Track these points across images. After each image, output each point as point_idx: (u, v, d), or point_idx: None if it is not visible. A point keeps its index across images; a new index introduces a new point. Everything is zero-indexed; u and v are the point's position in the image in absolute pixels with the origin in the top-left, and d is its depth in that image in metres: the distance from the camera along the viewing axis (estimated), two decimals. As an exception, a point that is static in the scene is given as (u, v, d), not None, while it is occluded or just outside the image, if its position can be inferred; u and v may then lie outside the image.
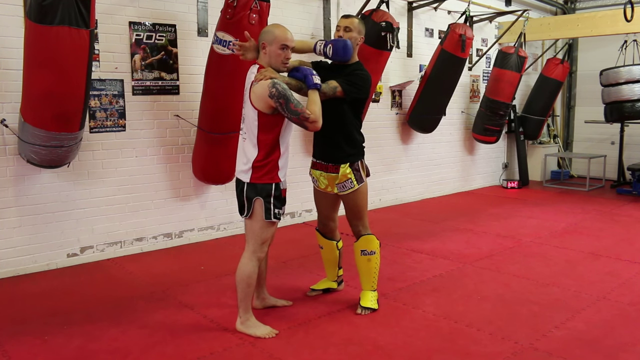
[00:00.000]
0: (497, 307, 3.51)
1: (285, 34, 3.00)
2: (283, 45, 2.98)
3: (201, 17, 4.97)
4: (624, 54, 7.76)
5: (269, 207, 3.00)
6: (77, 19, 3.38)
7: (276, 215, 3.03)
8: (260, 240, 3.06)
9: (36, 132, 3.61)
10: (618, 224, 5.91)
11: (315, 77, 3.04)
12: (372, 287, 3.49)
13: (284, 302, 3.54)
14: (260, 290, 3.46)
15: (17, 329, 3.17)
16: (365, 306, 3.42)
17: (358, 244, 3.46)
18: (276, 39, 2.98)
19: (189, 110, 4.90)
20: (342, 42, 3.19)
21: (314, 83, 3.02)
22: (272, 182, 3.00)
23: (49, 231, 4.28)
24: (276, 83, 2.89)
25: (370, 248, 3.43)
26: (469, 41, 6.40)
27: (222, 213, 5.30)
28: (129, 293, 3.77)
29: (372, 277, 3.47)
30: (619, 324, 3.25)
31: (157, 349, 2.93)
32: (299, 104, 2.91)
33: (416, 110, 6.84)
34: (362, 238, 3.43)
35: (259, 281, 3.38)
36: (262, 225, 3.03)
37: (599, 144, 9.30)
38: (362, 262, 3.46)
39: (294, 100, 2.90)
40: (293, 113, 2.89)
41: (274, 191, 3.00)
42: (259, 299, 3.46)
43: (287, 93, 2.88)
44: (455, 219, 6.12)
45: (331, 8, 6.04)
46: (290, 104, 2.88)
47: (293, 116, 2.91)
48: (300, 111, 2.88)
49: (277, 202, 3.02)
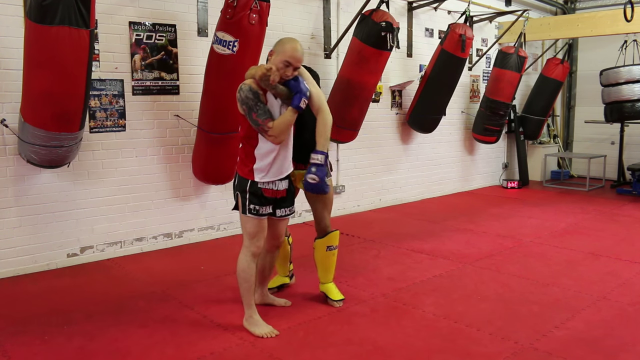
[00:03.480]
0: (497, 307, 3.51)
1: (293, 53, 2.92)
2: (287, 62, 2.92)
3: (201, 17, 4.97)
4: (624, 54, 7.77)
5: (244, 201, 3.05)
6: (77, 19, 3.38)
7: (251, 211, 3.04)
8: (247, 235, 3.10)
9: (36, 132, 3.61)
10: (618, 224, 5.91)
11: (303, 100, 2.96)
12: (332, 278, 3.63)
13: (283, 302, 3.54)
14: (261, 287, 3.48)
15: (17, 329, 3.17)
16: (338, 299, 3.54)
17: (324, 241, 3.54)
18: (283, 53, 2.93)
19: (189, 110, 4.90)
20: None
21: (298, 105, 2.95)
22: (247, 178, 3.04)
23: (49, 231, 4.28)
24: (242, 89, 2.91)
25: (335, 243, 3.57)
26: (469, 41, 6.40)
27: (222, 213, 5.29)
28: (129, 293, 3.77)
29: (333, 269, 3.62)
30: (619, 324, 3.25)
31: (157, 349, 2.93)
32: (264, 115, 2.91)
33: (416, 110, 6.84)
34: (330, 235, 3.54)
35: (261, 277, 3.43)
36: (244, 220, 3.09)
37: (599, 144, 9.30)
38: (327, 257, 3.57)
39: (257, 109, 2.90)
40: (253, 122, 2.93)
41: (249, 187, 3.04)
42: (258, 294, 3.47)
43: (249, 102, 2.89)
44: (455, 219, 6.12)
45: (331, 8, 6.04)
46: (252, 113, 2.91)
47: (253, 125, 2.93)
48: (260, 122, 2.91)
49: (252, 198, 3.04)
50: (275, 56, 2.94)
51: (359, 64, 5.50)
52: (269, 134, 2.94)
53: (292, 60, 2.92)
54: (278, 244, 3.36)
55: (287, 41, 2.97)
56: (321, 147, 3.00)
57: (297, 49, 2.94)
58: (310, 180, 2.96)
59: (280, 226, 3.29)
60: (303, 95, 2.95)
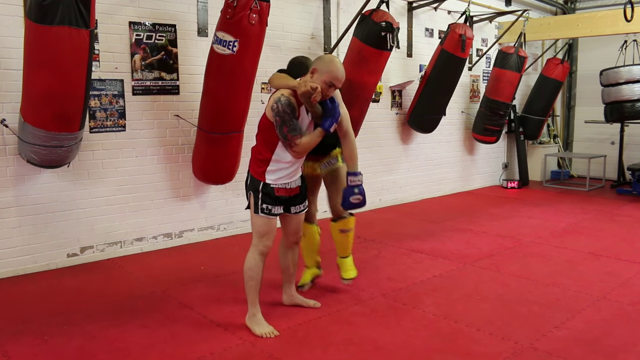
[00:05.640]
0: (497, 307, 3.51)
1: (337, 74, 2.94)
2: (330, 83, 2.93)
3: (201, 17, 4.97)
4: (624, 54, 7.76)
5: (257, 201, 3.07)
6: (77, 19, 3.38)
7: (264, 210, 3.06)
8: (257, 234, 3.11)
9: (36, 132, 3.61)
10: (618, 224, 5.91)
11: (334, 125, 3.00)
12: (349, 253, 3.72)
13: (312, 303, 3.50)
14: (287, 287, 3.50)
15: (17, 329, 3.17)
16: (348, 277, 3.68)
17: (337, 225, 3.63)
18: (328, 73, 2.92)
19: (189, 110, 4.90)
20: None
21: (328, 129, 2.99)
22: (260, 180, 3.06)
23: (49, 231, 4.28)
24: (281, 101, 2.90)
25: (348, 227, 3.65)
26: (469, 41, 6.39)
27: (222, 213, 5.30)
28: (129, 293, 3.77)
29: (349, 246, 3.71)
30: (619, 324, 3.25)
31: (157, 349, 2.93)
32: (294, 131, 2.93)
33: (416, 110, 6.84)
34: (342, 221, 3.62)
35: (287, 276, 3.47)
36: (255, 218, 3.11)
37: (599, 144, 9.30)
38: (340, 237, 3.67)
39: (290, 124, 2.91)
40: (282, 135, 2.95)
41: (261, 188, 3.06)
42: (286, 295, 3.51)
43: (285, 116, 2.90)
44: (455, 219, 6.12)
45: (331, 8, 6.04)
46: (284, 127, 2.92)
47: (281, 137, 2.95)
48: (290, 138, 2.94)
49: (265, 198, 3.06)
50: (319, 75, 2.93)
51: (359, 64, 5.49)
52: (294, 150, 2.98)
53: (336, 82, 2.94)
54: (296, 239, 3.38)
55: (331, 61, 2.96)
56: (355, 168, 3.18)
57: (342, 71, 2.96)
58: (356, 202, 3.16)
59: (296, 222, 3.31)
60: (335, 121, 3.00)
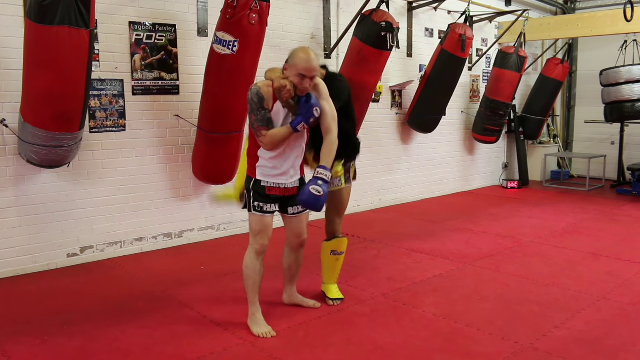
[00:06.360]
0: (497, 307, 3.51)
1: (303, 64, 2.85)
2: (300, 74, 2.87)
3: (201, 17, 4.97)
4: (624, 54, 7.77)
5: (250, 199, 3.11)
6: (77, 19, 3.38)
7: (256, 208, 3.08)
8: (252, 232, 3.13)
9: (36, 132, 3.61)
10: (618, 224, 5.91)
11: (302, 124, 2.92)
12: (335, 280, 3.65)
13: (312, 304, 3.49)
14: (288, 286, 3.50)
15: (17, 329, 3.17)
16: (335, 297, 3.56)
17: (330, 244, 3.56)
18: (295, 66, 2.88)
19: (189, 110, 4.90)
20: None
21: (295, 127, 2.93)
22: (252, 176, 3.10)
23: (49, 231, 4.28)
24: (252, 90, 2.96)
25: (340, 249, 3.58)
26: (469, 41, 6.39)
27: (222, 213, 5.29)
28: (129, 293, 3.77)
29: (337, 272, 3.64)
30: (619, 324, 3.25)
31: (157, 349, 2.93)
32: (261, 122, 2.94)
33: (416, 110, 6.84)
34: (336, 240, 3.55)
35: (289, 276, 3.46)
36: (250, 217, 3.13)
37: (599, 144, 9.30)
38: (330, 260, 3.59)
39: (257, 114, 2.94)
40: (250, 124, 3.01)
41: (252, 185, 3.08)
42: (286, 294, 3.52)
43: (253, 105, 2.94)
44: (455, 219, 6.12)
45: (331, 8, 6.04)
46: (252, 116, 2.97)
47: (250, 126, 3.02)
48: (256, 127, 2.98)
49: (257, 196, 3.08)
50: (290, 70, 2.92)
51: (359, 64, 5.50)
52: (260, 140, 3.00)
53: (304, 71, 2.87)
54: (300, 241, 3.33)
55: (297, 53, 2.92)
56: (327, 164, 2.98)
57: (306, 59, 2.87)
58: (316, 193, 2.87)
59: (297, 223, 3.27)
60: (304, 120, 2.93)
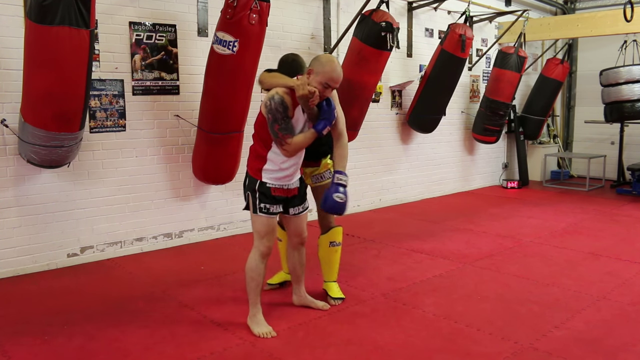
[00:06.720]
0: (497, 307, 3.51)
1: (333, 75, 2.89)
2: (326, 84, 2.90)
3: (201, 17, 4.97)
4: (624, 54, 7.77)
5: (255, 201, 3.07)
6: (77, 19, 3.38)
7: (262, 210, 3.06)
8: (257, 234, 3.11)
9: (36, 132, 3.61)
10: (618, 224, 5.91)
11: (327, 127, 2.98)
12: (335, 277, 3.64)
13: (321, 305, 3.48)
14: (297, 288, 3.50)
15: (17, 329, 3.17)
16: (336, 297, 3.55)
17: (327, 236, 3.58)
18: (323, 74, 2.88)
19: (189, 110, 4.90)
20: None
21: (321, 131, 2.98)
22: (257, 178, 3.07)
23: (49, 231, 4.28)
24: (274, 99, 2.89)
25: (338, 239, 3.59)
26: (469, 41, 6.40)
27: (222, 213, 5.30)
28: (129, 293, 3.77)
29: (336, 268, 3.64)
30: (619, 324, 3.25)
31: (157, 349, 2.93)
32: (285, 130, 2.91)
33: (416, 110, 6.84)
34: (332, 230, 3.57)
35: (295, 277, 3.47)
36: (254, 219, 3.11)
37: (599, 144, 9.30)
38: (330, 253, 3.59)
39: (282, 123, 2.90)
40: (273, 133, 2.94)
41: (258, 187, 3.06)
42: (296, 295, 3.51)
43: (277, 115, 2.88)
44: (455, 219, 6.12)
45: (331, 8, 6.04)
46: (275, 125, 2.90)
47: (272, 134, 2.95)
48: (281, 136, 2.92)
49: (262, 197, 3.06)
50: (315, 76, 2.90)
51: (359, 64, 5.50)
52: (284, 148, 2.96)
53: (331, 82, 2.90)
54: (302, 240, 3.37)
55: (327, 62, 2.92)
56: (343, 168, 3.09)
57: (337, 71, 2.91)
58: (339, 200, 3.00)
59: (298, 222, 3.30)
60: (329, 124, 2.99)
